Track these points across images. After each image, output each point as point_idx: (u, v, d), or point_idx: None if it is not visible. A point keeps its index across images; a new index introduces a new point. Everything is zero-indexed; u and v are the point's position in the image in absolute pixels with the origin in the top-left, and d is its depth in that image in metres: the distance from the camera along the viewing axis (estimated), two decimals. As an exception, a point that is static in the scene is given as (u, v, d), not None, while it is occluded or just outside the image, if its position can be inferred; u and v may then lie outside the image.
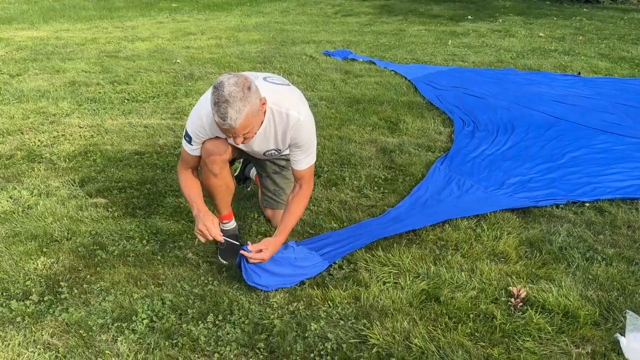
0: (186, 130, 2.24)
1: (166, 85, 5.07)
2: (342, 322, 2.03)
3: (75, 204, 2.91)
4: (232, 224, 2.52)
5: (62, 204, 2.90)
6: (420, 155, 3.51)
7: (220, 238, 2.20)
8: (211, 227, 2.17)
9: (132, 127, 4.03)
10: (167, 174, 3.27)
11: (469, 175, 3.17)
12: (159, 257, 2.43)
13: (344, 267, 2.37)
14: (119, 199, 2.98)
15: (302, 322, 2.03)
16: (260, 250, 2.17)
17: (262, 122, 2.09)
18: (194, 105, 2.30)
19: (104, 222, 2.73)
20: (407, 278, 2.27)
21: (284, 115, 2.17)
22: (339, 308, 2.10)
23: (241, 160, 3.01)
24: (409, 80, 5.25)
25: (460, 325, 2.01)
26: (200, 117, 2.18)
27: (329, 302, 2.14)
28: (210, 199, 2.43)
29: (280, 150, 2.35)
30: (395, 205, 2.87)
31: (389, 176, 3.24)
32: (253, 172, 2.99)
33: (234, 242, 2.29)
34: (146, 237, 2.59)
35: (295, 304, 2.13)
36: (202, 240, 2.21)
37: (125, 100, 4.66)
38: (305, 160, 2.26)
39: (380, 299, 2.15)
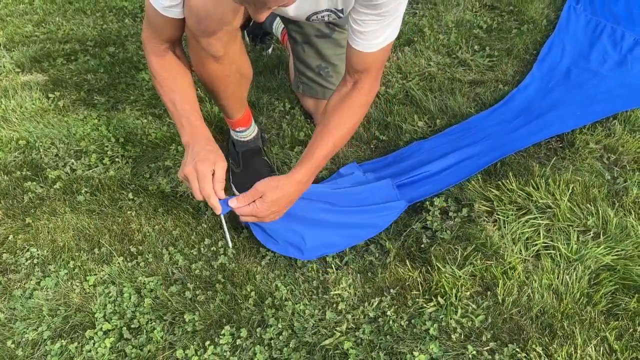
0: None
1: None
2: (470, 349, 1.10)
3: (-4, 85, 1.83)
4: (251, 132, 1.46)
5: (-24, 86, 1.83)
6: (537, -15, 2.24)
7: (216, 203, 1.11)
8: (204, 178, 1.08)
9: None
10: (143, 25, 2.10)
11: (629, 22, 1.95)
12: (130, 195, 1.43)
13: (450, 212, 1.36)
14: (67, 73, 1.88)
15: (396, 350, 1.10)
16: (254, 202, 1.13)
17: None
18: None
19: (41, 119, 1.68)
20: (572, 237, 1.27)
21: None
22: (458, 312, 1.15)
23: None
24: None
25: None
26: None
27: (439, 296, 1.18)
28: (210, 96, 1.35)
29: (339, 11, 1.17)
30: (517, 81, 1.74)
31: (493, 24, 2.04)
32: (278, 25, 1.81)
33: (227, 231, 1.24)
34: (109, 151, 1.56)
35: (377, 300, 1.18)
36: (198, 196, 1.11)
37: None
38: (381, 32, 1.10)
39: (532, 291, 1.18)
